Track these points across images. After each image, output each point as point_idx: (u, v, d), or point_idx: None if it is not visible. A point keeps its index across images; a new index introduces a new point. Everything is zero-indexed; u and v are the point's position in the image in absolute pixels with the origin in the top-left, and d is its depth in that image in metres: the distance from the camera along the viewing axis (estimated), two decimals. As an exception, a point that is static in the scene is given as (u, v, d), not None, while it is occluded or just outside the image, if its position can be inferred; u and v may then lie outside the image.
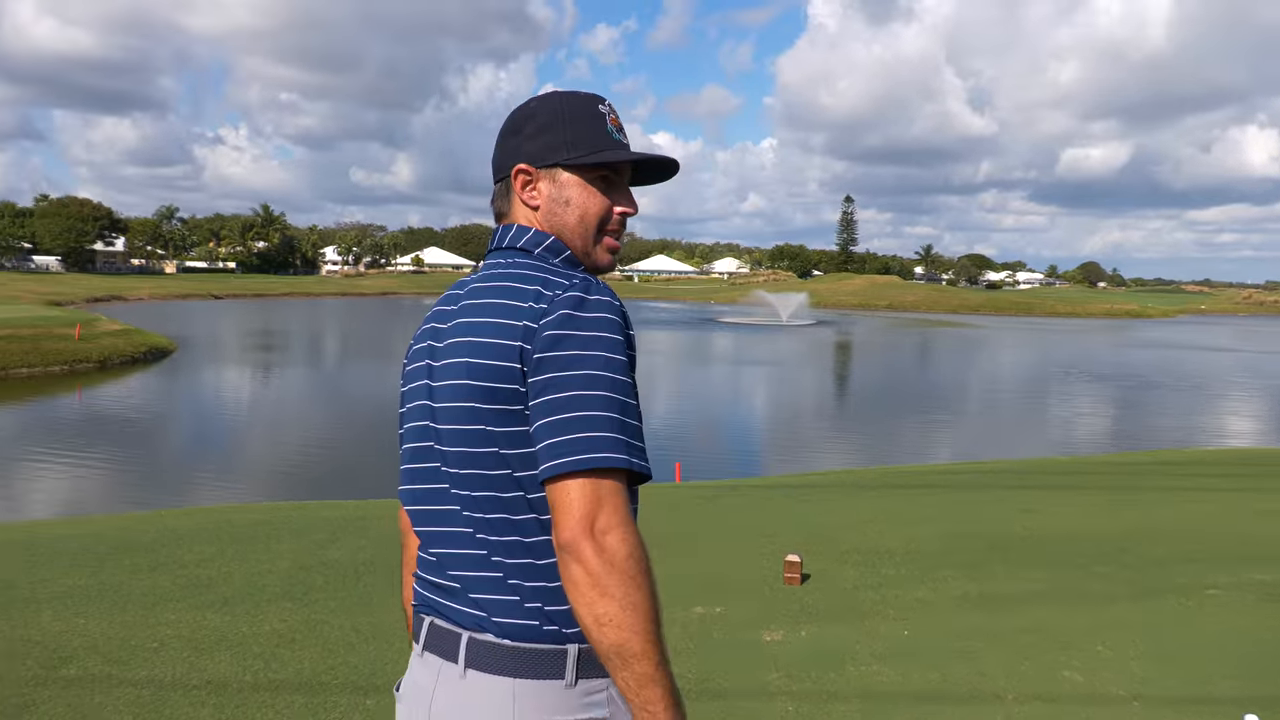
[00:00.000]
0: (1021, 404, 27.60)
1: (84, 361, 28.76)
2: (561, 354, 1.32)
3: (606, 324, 1.36)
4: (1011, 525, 7.92)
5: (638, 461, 1.31)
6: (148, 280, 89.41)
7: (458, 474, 1.42)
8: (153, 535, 7.39)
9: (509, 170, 1.55)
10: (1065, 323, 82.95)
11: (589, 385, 1.31)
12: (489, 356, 1.38)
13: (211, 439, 18.97)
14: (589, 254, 1.56)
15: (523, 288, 1.41)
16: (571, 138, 1.52)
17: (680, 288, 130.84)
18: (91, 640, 4.81)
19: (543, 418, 1.31)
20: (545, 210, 1.54)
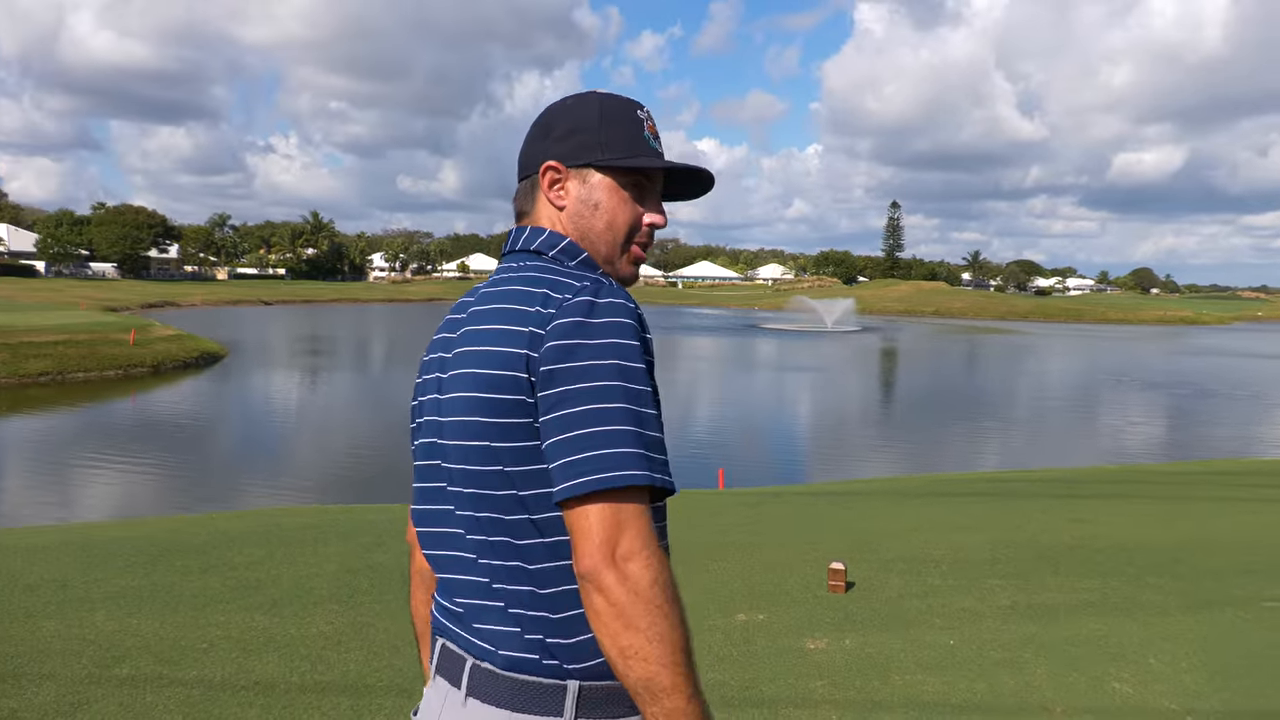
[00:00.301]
0: (1071, 412, 27.18)
1: (138, 366, 29.33)
2: (573, 365, 1.23)
3: (620, 329, 1.27)
4: (1061, 534, 7.79)
5: (659, 476, 1.22)
6: (200, 286, 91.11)
7: (462, 493, 1.35)
8: (204, 538, 7.52)
9: (536, 167, 1.48)
10: (1117, 329, 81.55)
11: (603, 397, 1.22)
12: (494, 366, 1.29)
13: (261, 443, 19.25)
14: (612, 263, 1.47)
15: (530, 291, 1.33)
16: (607, 139, 1.45)
17: (724, 294, 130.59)
18: (144, 640, 4.90)
19: (555, 435, 1.23)
20: (572, 212, 1.46)
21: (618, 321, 1.27)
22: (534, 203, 1.49)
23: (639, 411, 1.23)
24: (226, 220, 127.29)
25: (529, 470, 1.28)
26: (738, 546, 7.30)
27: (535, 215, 1.48)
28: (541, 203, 1.48)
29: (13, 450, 17.88)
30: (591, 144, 1.45)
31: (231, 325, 51.98)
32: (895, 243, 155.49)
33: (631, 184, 1.46)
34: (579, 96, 1.49)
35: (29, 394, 24.29)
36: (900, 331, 68.03)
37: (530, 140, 1.51)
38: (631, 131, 1.47)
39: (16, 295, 58.40)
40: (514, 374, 1.27)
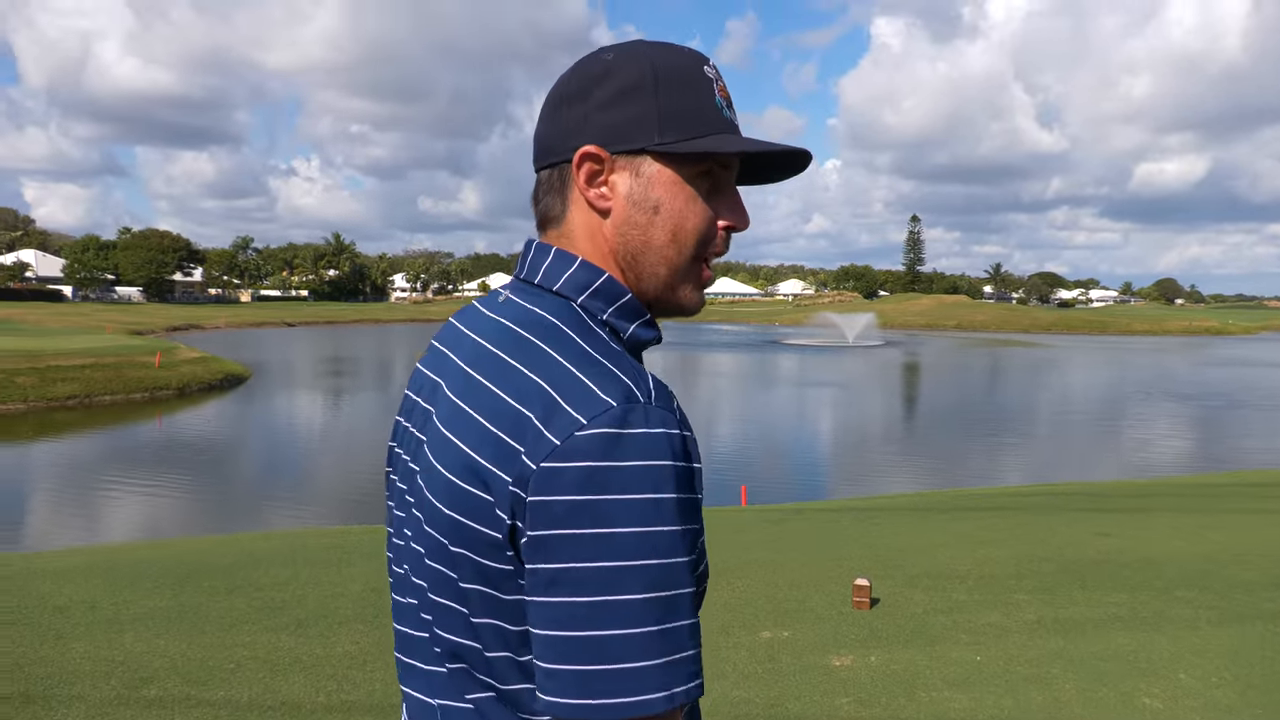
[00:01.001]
0: (1096, 425, 26.95)
1: (164, 389, 29.58)
2: (577, 534, 0.87)
3: (653, 476, 0.88)
4: (1087, 548, 7.73)
5: (684, 689, 0.88)
6: (224, 309, 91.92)
7: (431, 620, 1.02)
8: (230, 559, 7.57)
9: (568, 153, 1.04)
10: (1141, 341, 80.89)
11: (619, 585, 0.86)
12: (465, 479, 0.94)
13: (285, 464, 19.36)
14: (675, 290, 1.07)
15: (532, 380, 0.93)
16: (668, 110, 1.03)
17: (744, 310, 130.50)
18: (172, 661, 4.94)
19: (544, 628, 0.88)
20: (621, 218, 1.04)
21: (651, 466, 0.88)
22: (564, 204, 1.07)
23: (669, 598, 0.88)
24: (250, 243, 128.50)
25: (496, 626, 0.95)
26: (761, 564, 7.28)
27: (566, 224, 1.07)
28: (576, 206, 1.06)
29: (42, 474, 18.07)
30: (647, 119, 1.02)
31: (255, 347, 52.38)
32: (916, 256, 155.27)
33: (702, 174, 1.05)
34: (622, 48, 1.07)
35: (57, 417, 24.55)
36: (922, 345, 67.74)
37: (553, 113, 1.07)
38: (700, 99, 1.05)
39: (45, 320, 59.11)
40: (488, 502, 0.92)
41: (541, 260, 1.07)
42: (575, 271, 1.05)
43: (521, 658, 0.95)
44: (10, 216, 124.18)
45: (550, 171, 1.07)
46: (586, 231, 1.06)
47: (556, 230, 1.08)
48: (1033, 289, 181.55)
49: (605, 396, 0.90)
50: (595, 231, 1.06)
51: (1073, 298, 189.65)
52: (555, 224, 1.08)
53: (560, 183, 1.07)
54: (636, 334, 1.06)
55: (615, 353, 0.98)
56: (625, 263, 1.06)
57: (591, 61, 1.06)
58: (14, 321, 55.45)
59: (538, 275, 1.07)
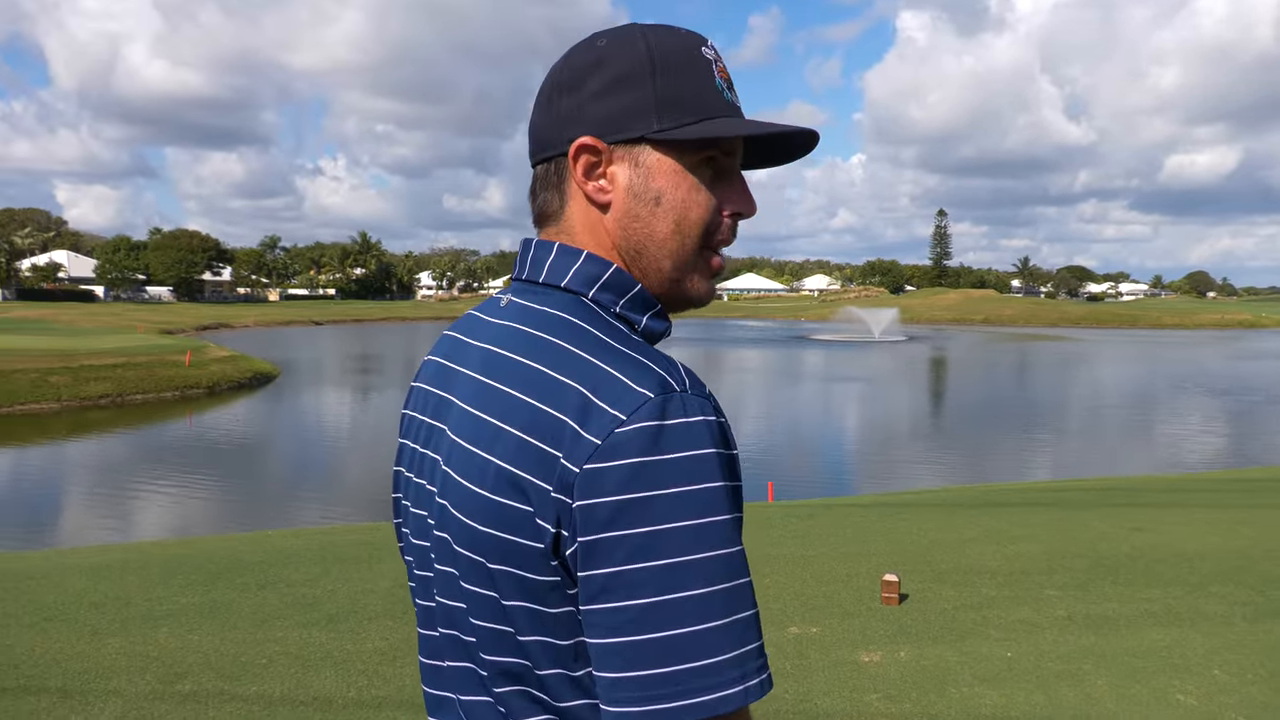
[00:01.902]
0: (1128, 419, 26.68)
1: (194, 387, 29.87)
2: (629, 535, 0.83)
3: (700, 466, 0.85)
4: (1120, 544, 7.66)
5: (757, 681, 0.85)
6: (252, 308, 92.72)
7: (474, 643, 0.97)
8: (261, 555, 7.64)
9: (564, 146, 1.00)
10: (1173, 334, 79.98)
11: (679, 582, 0.83)
12: (499, 491, 0.90)
13: (314, 462, 19.51)
14: (681, 283, 1.03)
15: (559, 380, 0.90)
16: (665, 95, 0.99)
17: (770, 305, 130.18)
18: (205, 656, 4.99)
19: (604, 636, 0.85)
20: (621, 211, 1.00)
21: (696, 456, 0.85)
22: (563, 200, 1.03)
23: (729, 590, 0.85)
24: (277, 242, 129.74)
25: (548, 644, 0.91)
26: (789, 559, 7.26)
27: (566, 220, 1.03)
28: (574, 201, 1.02)
29: (76, 472, 18.31)
30: (643, 106, 0.99)
31: (283, 345, 52.81)
32: (943, 251, 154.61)
33: (704, 161, 1.01)
34: (615, 33, 1.03)
35: (90, 416, 24.85)
36: (949, 340, 67.29)
37: (547, 104, 1.03)
38: (699, 82, 1.00)
39: (77, 320, 59.85)
40: (528, 513, 0.88)
41: (544, 257, 1.03)
42: (582, 265, 1.00)
43: (575, 673, 0.91)
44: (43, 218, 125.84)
45: (546, 165, 1.03)
46: (587, 226, 1.02)
47: (555, 226, 1.04)
48: (1061, 283, 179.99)
49: (641, 389, 0.86)
50: (596, 226, 1.02)
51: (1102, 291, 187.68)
52: (554, 220, 1.04)
53: (557, 177, 1.03)
54: (649, 326, 1.02)
55: (639, 343, 0.94)
56: (629, 257, 1.02)
57: (584, 49, 1.02)
58: (47, 321, 56.21)
59: (542, 273, 1.02)
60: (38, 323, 54.03)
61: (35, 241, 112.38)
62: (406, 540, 1.10)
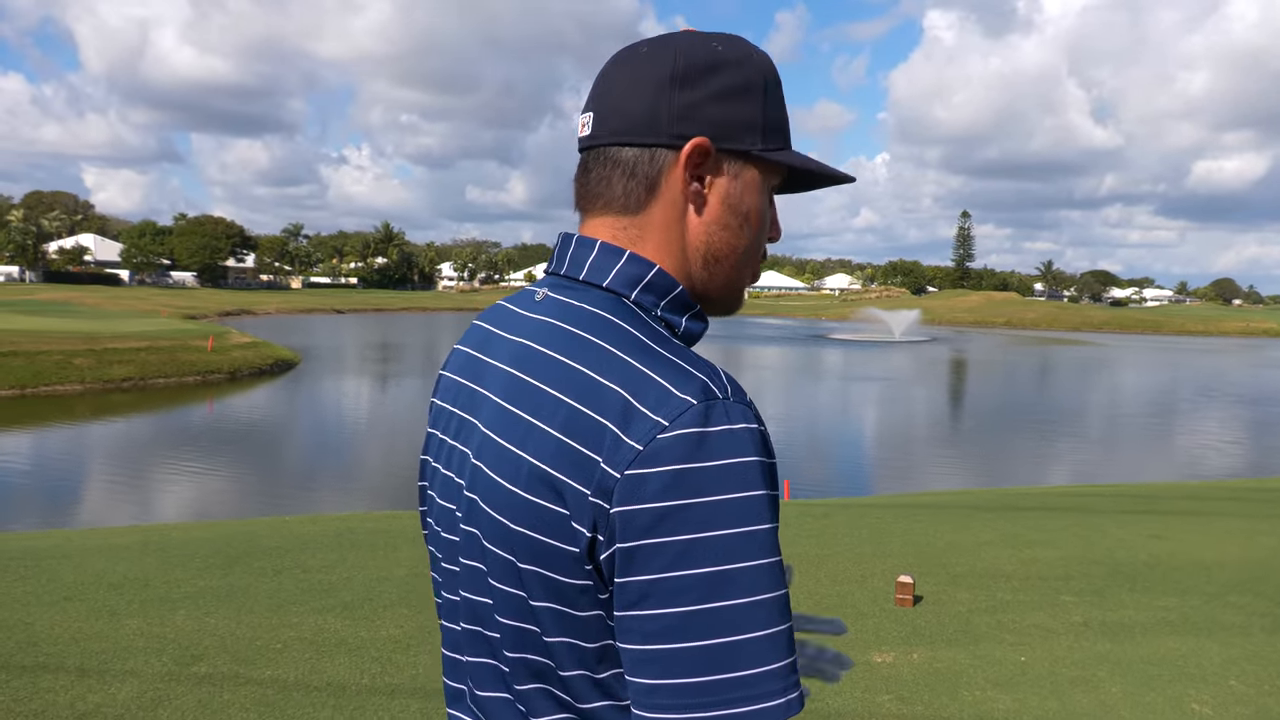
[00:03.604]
0: (1149, 426, 26.47)
1: (216, 373, 30.08)
2: (669, 541, 0.82)
3: (741, 474, 0.84)
4: (1138, 551, 7.60)
5: (795, 695, 0.83)
6: (275, 295, 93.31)
7: (498, 639, 0.97)
8: (278, 541, 7.68)
9: (673, 139, 0.97)
10: (1197, 341, 79.28)
11: (719, 590, 0.82)
12: (534, 491, 0.89)
13: (334, 449, 19.61)
14: (738, 293, 1.06)
15: (600, 384, 0.88)
16: (771, 116, 1.01)
17: (790, 304, 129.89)
18: (221, 640, 5.03)
19: (641, 643, 0.83)
20: (713, 218, 1.00)
21: (739, 464, 0.85)
22: (650, 192, 0.99)
23: (770, 600, 0.84)
24: (301, 230, 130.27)
25: (573, 645, 0.90)
26: (804, 558, 7.25)
27: (646, 213, 1.00)
28: (664, 196, 0.99)
29: (98, 453, 18.48)
30: (754, 122, 0.99)
31: (305, 333, 53.10)
32: (965, 253, 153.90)
33: (774, 185, 1.05)
34: (727, 40, 1.02)
35: (112, 399, 25.08)
36: (970, 342, 66.95)
37: (654, 90, 0.98)
38: (784, 110, 1.04)
39: (103, 303, 60.38)
40: (564, 515, 0.87)
41: (585, 255, 1.00)
42: (625, 265, 0.98)
43: (599, 675, 0.90)
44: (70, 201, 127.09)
45: (639, 152, 0.98)
46: (664, 224, 0.99)
47: (626, 218, 1.00)
48: (1085, 287, 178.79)
49: (683, 395, 0.85)
50: (673, 224, 0.99)
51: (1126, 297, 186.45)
52: (628, 211, 1.00)
53: (650, 166, 0.98)
54: (689, 328, 1.01)
55: (680, 348, 0.93)
56: (702, 262, 1.01)
57: (700, 46, 0.99)
58: (73, 304, 56.74)
59: (582, 270, 1.00)
60: (63, 305, 54.56)
61: (63, 225, 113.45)
62: (432, 531, 1.09)
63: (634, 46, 1.03)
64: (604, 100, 1.01)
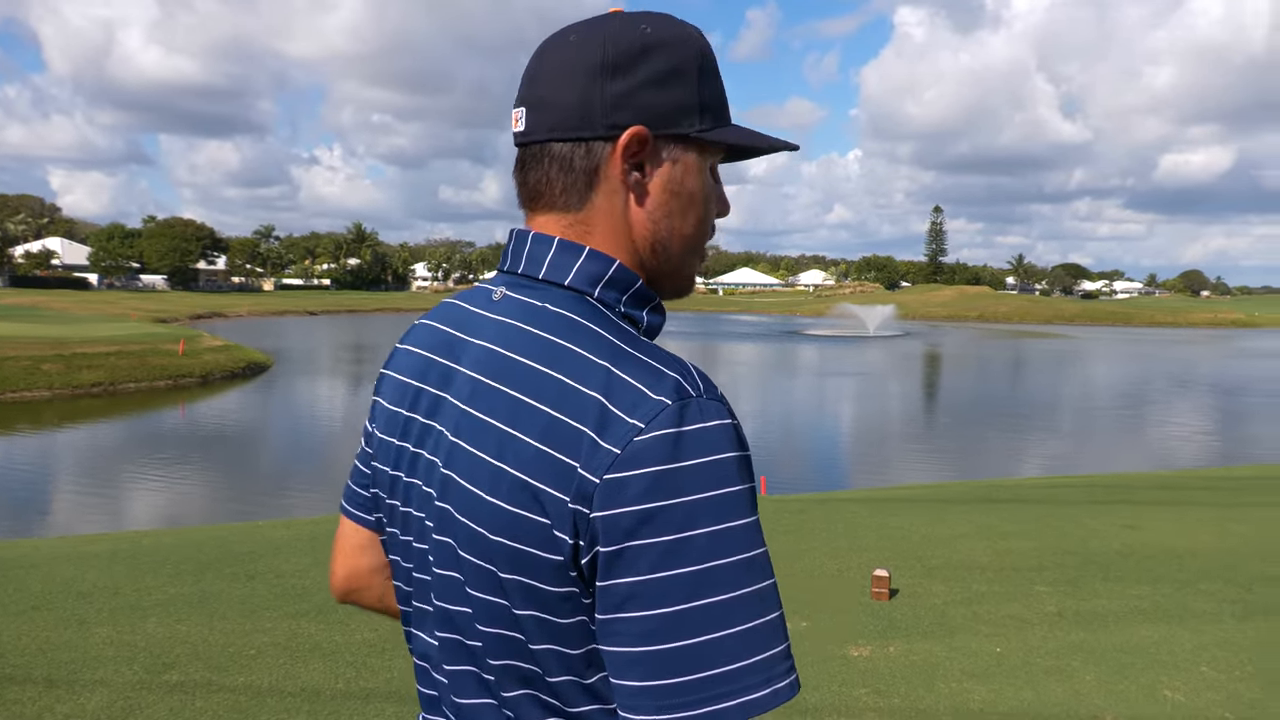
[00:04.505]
0: (1121, 417, 26.74)
1: (187, 376, 29.79)
2: (652, 543, 0.82)
3: (719, 471, 0.85)
4: (1110, 540, 7.67)
5: (784, 684, 0.84)
6: (247, 297, 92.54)
7: (480, 647, 0.95)
8: (250, 546, 7.62)
9: (607, 130, 0.96)
10: (1166, 332, 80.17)
11: (705, 588, 0.82)
12: (513, 500, 0.88)
13: (306, 452, 19.48)
14: (691, 277, 1.05)
15: (572, 387, 0.88)
16: (707, 96, 0.99)
17: (765, 300, 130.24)
18: (193, 647, 4.98)
19: (627, 645, 0.83)
20: (655, 206, 0.99)
21: (716, 461, 0.85)
22: (589, 186, 0.98)
23: (756, 593, 0.85)
24: (272, 232, 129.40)
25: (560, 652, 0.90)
26: (781, 554, 7.26)
27: (588, 208, 0.98)
28: (604, 189, 0.98)
29: (67, 460, 18.26)
30: (691, 104, 0.98)
31: (277, 335, 52.71)
32: (938, 247, 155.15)
33: (715, 164, 1.05)
34: (655, 20, 1.00)
35: (82, 405, 24.78)
36: (944, 336, 67.39)
37: (586, 81, 0.96)
38: (721, 85, 1.02)
39: (71, 307, 59.68)
40: (545, 524, 0.86)
41: (543, 252, 0.99)
42: (585, 262, 0.97)
43: (588, 680, 0.90)
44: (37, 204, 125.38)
45: (574, 146, 0.97)
46: (609, 215, 0.98)
47: (570, 214, 0.99)
48: (1056, 280, 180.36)
49: (657, 396, 0.85)
50: (618, 216, 0.98)
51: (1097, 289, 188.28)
52: (570, 207, 0.98)
53: (587, 160, 0.97)
54: (651, 322, 1.01)
55: (648, 345, 0.92)
56: (650, 250, 1.00)
57: (628, 30, 0.97)
58: (40, 309, 56.02)
59: (541, 269, 0.98)
60: (30, 310, 53.84)
61: (29, 228, 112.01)
62: (396, 540, 1.07)
63: (562, 34, 1.01)
64: (535, 93, 0.99)
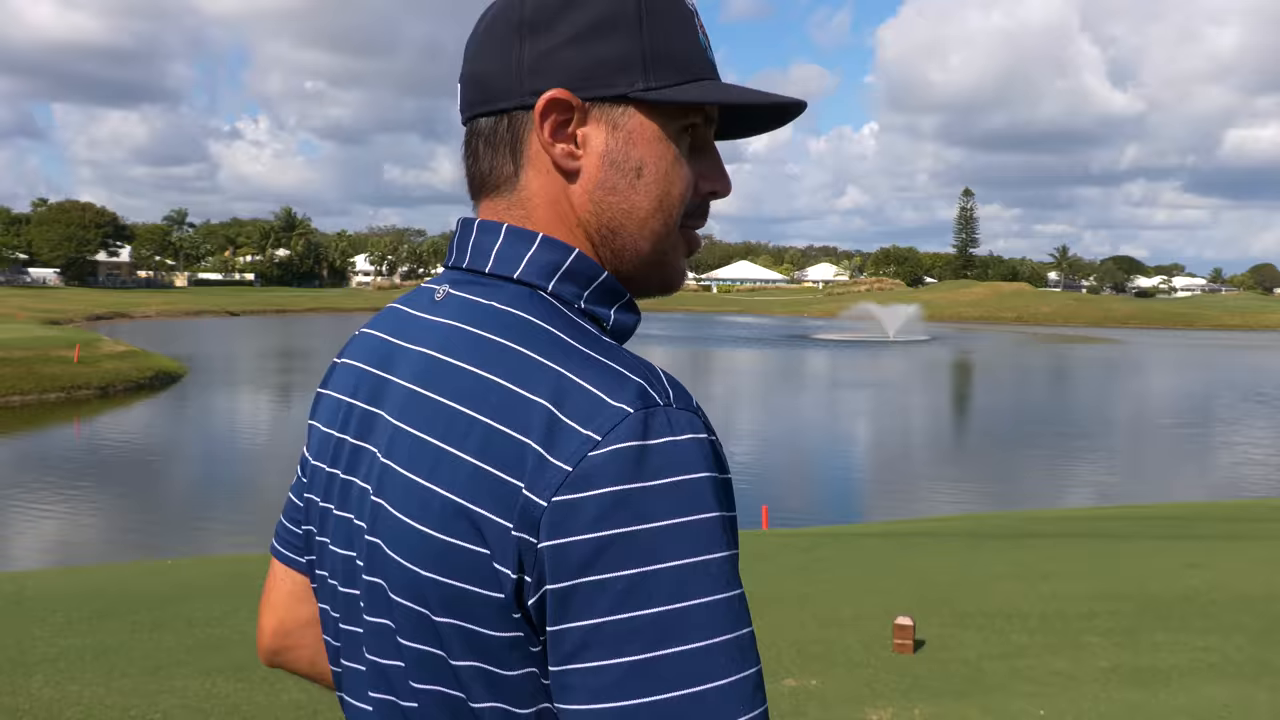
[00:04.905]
0: (1184, 437, 26.92)
1: (83, 388, 29.63)
2: (609, 579, 0.79)
3: (690, 494, 0.82)
4: (1173, 582, 7.70)
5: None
6: (155, 295, 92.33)
7: (415, 708, 0.93)
8: (158, 589, 7.57)
9: (526, 98, 0.96)
10: (1235, 337, 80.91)
11: (671, 635, 0.79)
12: (447, 529, 0.86)
13: (226, 478, 19.39)
14: (661, 266, 1.02)
15: (519, 395, 0.86)
16: (654, 48, 0.96)
17: (767, 299, 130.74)
18: (87, 709, 4.92)
19: (583, 702, 0.80)
20: (594, 182, 0.97)
21: (686, 482, 0.82)
22: (516, 165, 0.98)
23: (730, 642, 0.82)
24: (185, 218, 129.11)
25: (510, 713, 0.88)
26: (786, 598, 7.26)
27: (520, 191, 0.99)
28: (533, 167, 0.98)
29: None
30: (629, 59, 0.95)
31: (192, 339, 52.52)
32: (968, 237, 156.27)
33: (685, 130, 0.99)
34: None
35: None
36: (976, 341, 67.79)
37: (500, 44, 0.98)
38: (687, 35, 0.98)
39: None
40: (484, 555, 0.84)
41: (490, 242, 0.98)
42: (537, 251, 0.96)
43: None
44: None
45: (495, 121, 0.98)
46: (547, 199, 0.97)
47: (505, 199, 0.99)
48: (1106, 275, 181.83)
49: (617, 403, 0.83)
50: (558, 198, 0.97)
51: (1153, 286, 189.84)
52: (503, 191, 0.99)
53: (511, 135, 0.97)
54: (619, 321, 0.99)
55: (610, 346, 0.91)
56: (599, 237, 0.98)
57: None
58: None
59: (488, 261, 0.97)
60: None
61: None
62: (325, 586, 1.05)
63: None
64: (466, 66, 1.01)
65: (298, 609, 1.16)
